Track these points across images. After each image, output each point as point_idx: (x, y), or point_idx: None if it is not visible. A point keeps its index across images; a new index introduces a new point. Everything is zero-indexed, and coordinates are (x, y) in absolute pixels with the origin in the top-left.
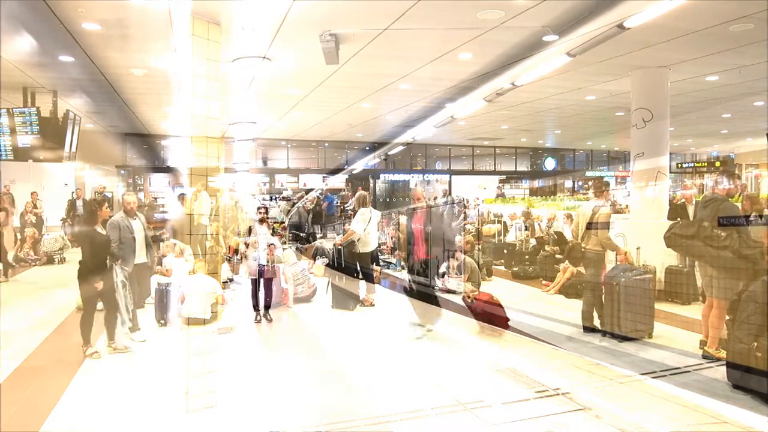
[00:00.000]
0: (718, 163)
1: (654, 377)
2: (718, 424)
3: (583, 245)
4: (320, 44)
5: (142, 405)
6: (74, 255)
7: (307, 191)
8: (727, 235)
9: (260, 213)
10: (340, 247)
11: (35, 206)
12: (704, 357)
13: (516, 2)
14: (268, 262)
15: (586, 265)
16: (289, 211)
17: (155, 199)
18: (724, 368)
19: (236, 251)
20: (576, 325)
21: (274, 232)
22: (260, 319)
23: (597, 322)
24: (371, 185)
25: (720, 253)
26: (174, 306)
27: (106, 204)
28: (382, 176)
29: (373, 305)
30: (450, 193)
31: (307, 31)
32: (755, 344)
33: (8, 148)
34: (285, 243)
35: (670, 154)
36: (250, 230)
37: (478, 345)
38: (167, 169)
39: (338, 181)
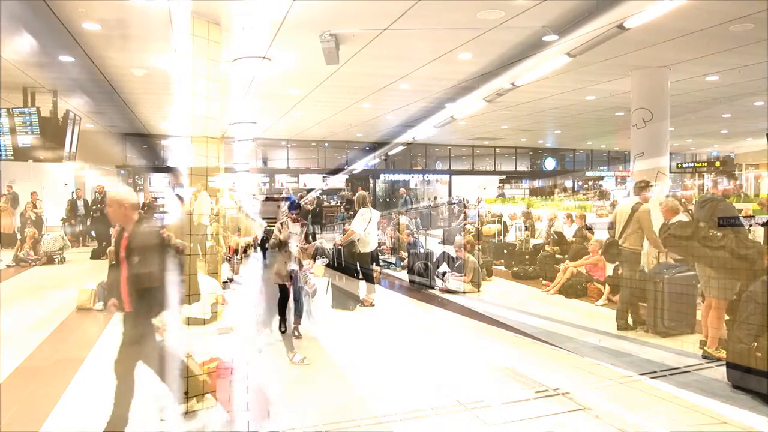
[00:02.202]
0: (718, 163)
1: (654, 377)
2: (718, 424)
3: (621, 243)
4: (320, 44)
5: (141, 404)
6: (74, 255)
7: (308, 190)
8: (723, 235)
9: (292, 212)
10: (340, 247)
11: (35, 206)
12: (704, 357)
13: (516, 2)
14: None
15: (621, 263)
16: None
17: (155, 199)
18: (724, 368)
19: (236, 251)
20: (576, 325)
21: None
22: (285, 330)
23: (630, 321)
24: (371, 185)
25: (717, 253)
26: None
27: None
28: (382, 176)
29: (373, 305)
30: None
31: (307, 31)
32: (755, 344)
33: (8, 148)
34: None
35: (670, 154)
36: (281, 230)
37: (478, 345)
38: (167, 169)
39: (338, 181)
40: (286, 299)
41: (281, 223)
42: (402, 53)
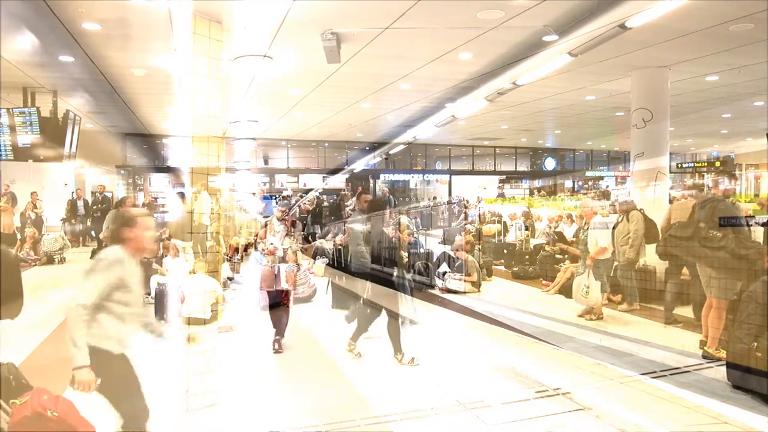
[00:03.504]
0: (718, 163)
1: (654, 377)
2: (718, 424)
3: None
4: (322, 43)
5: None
6: (74, 255)
7: (308, 190)
8: (723, 235)
9: (280, 210)
10: (340, 247)
11: (35, 206)
12: (704, 357)
13: (516, 2)
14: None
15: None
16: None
17: (155, 199)
18: (724, 368)
19: (236, 251)
20: (575, 324)
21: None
22: (279, 348)
23: None
24: (371, 185)
25: (716, 253)
26: (174, 306)
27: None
28: (382, 176)
29: None
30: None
31: (308, 30)
32: (755, 344)
33: (8, 148)
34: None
35: (670, 154)
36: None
37: (478, 345)
38: (167, 169)
39: (338, 181)
40: (276, 307)
41: (265, 224)
42: (402, 53)
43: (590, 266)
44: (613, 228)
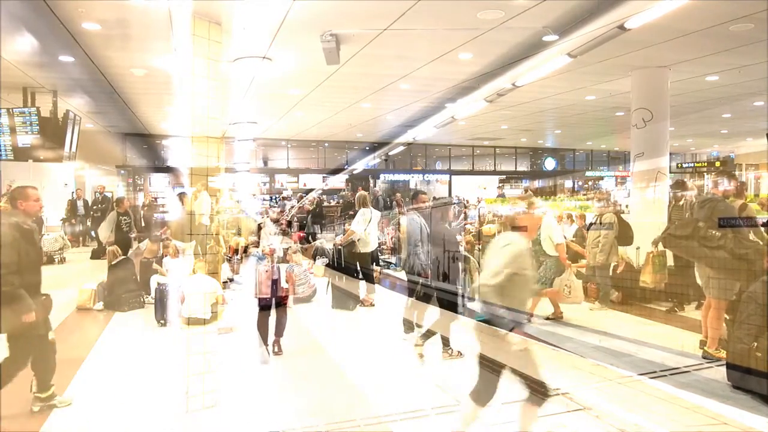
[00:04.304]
0: (718, 163)
1: (654, 377)
2: (718, 425)
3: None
4: (321, 44)
5: (142, 405)
6: (74, 255)
7: (308, 190)
8: (722, 235)
9: (275, 211)
10: (340, 247)
11: None
12: (704, 357)
13: (516, 2)
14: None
15: None
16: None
17: (155, 199)
18: (724, 368)
19: (236, 251)
20: (576, 325)
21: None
22: (268, 358)
23: None
24: (371, 185)
25: (715, 253)
26: (174, 306)
27: None
28: (382, 176)
29: (373, 305)
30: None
31: (308, 31)
32: (755, 344)
33: (8, 148)
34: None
35: (670, 154)
36: (259, 228)
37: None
38: (167, 169)
39: (338, 181)
40: (266, 316)
41: (259, 224)
42: (402, 53)
43: (570, 266)
44: (587, 229)
